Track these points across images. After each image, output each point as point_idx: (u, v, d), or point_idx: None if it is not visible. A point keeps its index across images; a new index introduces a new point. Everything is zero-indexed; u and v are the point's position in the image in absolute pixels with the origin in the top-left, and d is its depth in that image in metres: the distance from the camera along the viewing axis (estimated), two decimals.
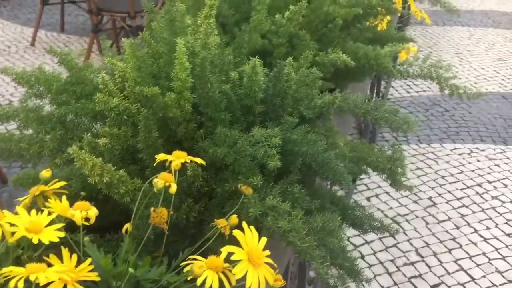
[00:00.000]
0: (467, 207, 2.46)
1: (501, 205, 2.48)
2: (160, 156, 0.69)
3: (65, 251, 0.58)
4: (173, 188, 0.64)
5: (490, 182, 2.67)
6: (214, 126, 0.82)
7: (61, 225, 0.60)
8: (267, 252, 0.58)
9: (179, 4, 1.17)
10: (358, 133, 3.07)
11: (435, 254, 2.16)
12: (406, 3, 1.93)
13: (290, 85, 0.93)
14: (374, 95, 2.89)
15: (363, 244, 2.20)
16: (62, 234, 0.59)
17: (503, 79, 4.05)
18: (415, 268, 2.09)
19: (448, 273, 2.06)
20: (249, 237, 0.58)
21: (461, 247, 2.20)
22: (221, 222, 0.68)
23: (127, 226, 0.68)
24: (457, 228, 2.32)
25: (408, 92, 3.76)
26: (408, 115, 0.96)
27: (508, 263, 2.12)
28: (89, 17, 3.96)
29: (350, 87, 1.62)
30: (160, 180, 0.63)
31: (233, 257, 0.54)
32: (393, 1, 1.92)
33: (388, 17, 1.59)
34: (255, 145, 0.77)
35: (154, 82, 0.86)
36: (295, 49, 1.31)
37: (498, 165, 2.84)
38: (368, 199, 2.51)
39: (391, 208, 2.45)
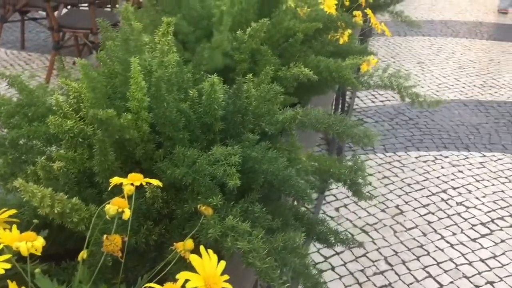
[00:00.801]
0: (433, 213, 2.50)
1: (466, 211, 2.53)
2: (115, 180, 0.67)
3: (12, 285, 0.55)
4: (127, 214, 0.62)
5: (454, 188, 2.72)
6: (173, 145, 0.80)
7: (7, 256, 0.57)
8: (226, 277, 0.57)
9: (135, 22, 1.15)
10: (326, 143, 3.09)
11: (403, 262, 2.18)
12: (367, 16, 1.96)
13: (251, 102, 0.93)
14: (340, 107, 2.92)
15: (333, 255, 2.20)
16: (8, 266, 0.56)
17: (463, 87, 4.16)
18: (385, 277, 2.10)
19: (417, 281, 2.08)
20: (207, 261, 0.56)
21: (428, 254, 2.23)
22: (180, 246, 0.67)
23: (82, 253, 0.66)
24: (424, 235, 2.35)
25: (373, 102, 3.82)
26: (369, 128, 0.97)
27: (474, 268, 2.15)
28: (50, 33, 3.89)
29: (314, 99, 1.63)
30: (112, 206, 0.61)
31: (188, 285, 0.53)
32: (354, 14, 1.96)
33: (349, 30, 1.61)
34: (214, 164, 0.76)
35: (109, 103, 0.84)
36: (258, 64, 1.31)
37: (461, 171, 2.90)
38: (337, 209, 2.52)
39: (359, 217, 2.46)
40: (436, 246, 2.28)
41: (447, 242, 2.31)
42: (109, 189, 0.70)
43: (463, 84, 4.23)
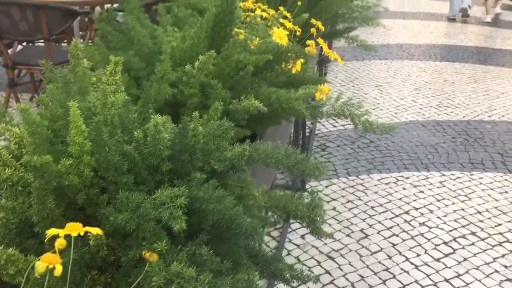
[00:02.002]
0: (397, 235, 2.52)
1: (429, 231, 2.57)
2: (51, 232, 0.64)
3: None
4: (58, 271, 0.59)
5: (416, 209, 2.76)
6: (117, 190, 0.78)
7: None
8: None
9: (84, 61, 1.14)
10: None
11: (370, 287, 2.17)
12: (319, 45, 2.00)
13: (198, 140, 0.91)
14: (301, 133, 2.94)
15: (299, 285, 2.17)
16: None
17: (420, 108, 4.27)
18: None
19: None
20: None
21: (394, 277, 2.24)
22: None
23: None
24: (390, 258, 2.36)
25: (335, 126, 3.87)
26: (318, 160, 0.97)
27: None
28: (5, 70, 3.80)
29: (272, 129, 1.63)
30: (42, 263, 0.58)
31: None
32: (307, 44, 1.99)
33: (301, 60, 1.63)
34: (160, 207, 0.74)
35: (50, 147, 0.81)
36: (209, 98, 1.31)
37: (422, 191, 2.95)
38: (302, 236, 2.51)
39: (325, 244, 2.46)
40: (402, 269, 2.29)
41: (412, 263, 2.32)
42: (45, 241, 0.67)
43: (420, 105, 4.34)
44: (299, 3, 2.10)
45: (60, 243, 0.61)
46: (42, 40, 3.56)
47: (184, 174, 0.89)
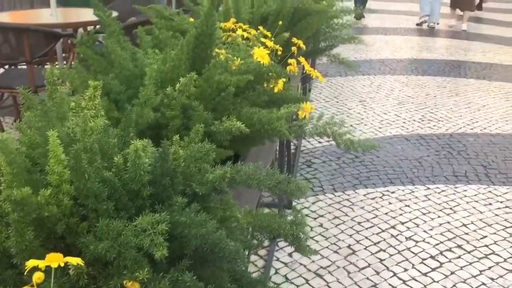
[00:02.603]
0: (384, 251, 2.53)
1: (415, 245, 2.57)
2: (30, 263, 0.63)
3: None
4: None
5: (403, 223, 2.77)
6: (98, 217, 0.77)
7: None
8: None
9: (61, 87, 1.13)
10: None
11: None
12: (299, 64, 2.02)
13: (179, 163, 0.91)
14: (285, 151, 2.94)
15: None
16: None
17: (404, 122, 4.32)
18: None
19: None
20: None
21: None
22: None
23: None
24: (377, 273, 2.36)
25: (320, 142, 3.89)
26: (300, 181, 0.97)
27: None
28: None
29: (255, 148, 1.63)
30: None
31: None
32: (289, 63, 2.01)
33: (283, 79, 1.64)
34: (141, 234, 0.73)
35: (28, 177, 0.80)
36: (191, 120, 1.31)
37: (408, 205, 2.96)
38: (290, 254, 2.50)
39: (313, 261, 2.45)
40: (390, 284, 2.28)
41: (400, 278, 2.32)
42: (25, 273, 0.65)
43: (403, 119, 4.39)
44: (280, 22, 2.12)
45: (38, 277, 0.60)
46: (24, 63, 3.55)
47: (165, 198, 0.88)
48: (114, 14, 4.00)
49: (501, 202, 3.02)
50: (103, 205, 0.77)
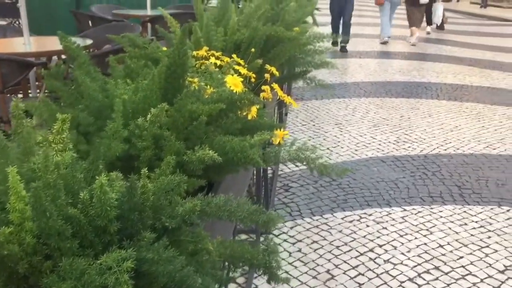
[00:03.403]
0: (363, 274, 2.52)
1: (393, 268, 2.57)
2: None
3: None
4: None
5: (380, 246, 2.78)
6: (61, 256, 0.75)
7: None
8: None
9: (28, 121, 1.11)
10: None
11: None
12: (273, 90, 2.03)
13: (148, 197, 0.90)
14: (262, 176, 2.94)
15: None
16: None
17: (379, 144, 4.37)
18: None
19: None
20: None
21: None
22: None
23: None
24: None
25: (297, 166, 3.90)
26: (272, 212, 0.97)
27: None
28: None
29: (230, 175, 1.62)
30: None
31: None
32: (262, 89, 2.02)
33: (256, 106, 1.65)
34: (106, 272, 0.72)
35: None
36: (162, 150, 1.29)
37: (385, 228, 2.98)
38: (268, 281, 2.47)
39: None
40: None
41: None
42: None
43: (379, 141, 4.44)
44: (253, 49, 2.14)
45: None
46: None
47: (134, 233, 0.87)
48: (89, 42, 3.99)
49: (476, 222, 3.05)
50: (67, 243, 0.75)
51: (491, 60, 8.24)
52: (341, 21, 8.90)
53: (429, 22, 10.96)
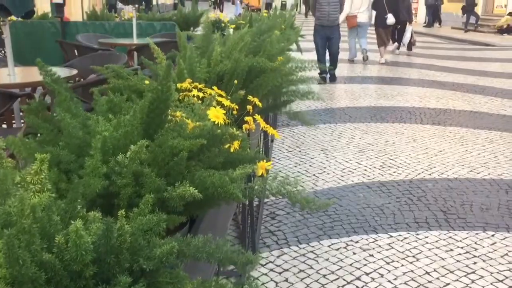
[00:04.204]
0: None
1: None
2: None
3: None
4: None
5: (367, 274, 2.76)
6: None
7: None
8: None
9: (7, 161, 1.11)
10: (239, 243, 3.06)
11: None
12: (256, 121, 2.04)
13: (125, 239, 0.89)
14: (248, 206, 2.93)
15: None
16: None
17: (365, 170, 4.39)
18: None
19: None
20: None
21: None
22: None
23: None
24: None
25: None
26: (249, 253, 0.96)
27: None
28: None
29: (212, 209, 1.62)
30: None
31: None
32: (245, 120, 2.03)
33: (238, 139, 1.65)
34: None
35: None
36: (143, 187, 1.29)
37: (372, 255, 2.97)
38: None
39: None
40: None
41: None
42: None
43: (364, 166, 4.47)
44: (235, 81, 2.16)
45: None
46: None
47: (111, 277, 0.86)
48: (74, 72, 3.99)
49: (462, 247, 3.06)
50: None
51: (473, 84, 8.40)
52: (328, 53, 8.36)
53: (399, 42, 11.65)
